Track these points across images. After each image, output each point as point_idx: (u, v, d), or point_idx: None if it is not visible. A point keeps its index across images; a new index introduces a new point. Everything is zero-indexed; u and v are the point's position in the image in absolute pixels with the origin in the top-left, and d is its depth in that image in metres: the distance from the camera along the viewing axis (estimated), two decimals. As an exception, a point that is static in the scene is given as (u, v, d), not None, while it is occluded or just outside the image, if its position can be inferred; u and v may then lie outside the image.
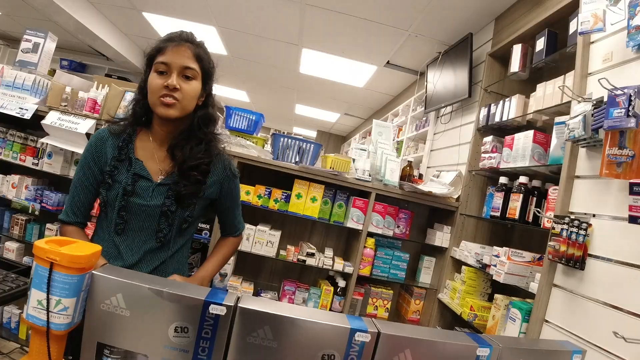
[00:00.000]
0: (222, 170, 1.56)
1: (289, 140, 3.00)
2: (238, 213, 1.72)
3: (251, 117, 3.11)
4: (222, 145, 1.60)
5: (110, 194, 1.41)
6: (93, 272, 0.80)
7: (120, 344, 0.80)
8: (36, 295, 0.88)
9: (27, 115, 2.67)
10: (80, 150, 2.60)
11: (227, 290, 2.80)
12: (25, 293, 0.91)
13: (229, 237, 1.73)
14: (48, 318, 0.88)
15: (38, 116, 2.70)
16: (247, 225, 2.83)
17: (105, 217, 1.45)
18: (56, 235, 2.82)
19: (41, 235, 2.94)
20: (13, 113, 2.68)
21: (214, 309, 0.78)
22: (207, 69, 1.48)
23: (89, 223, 1.53)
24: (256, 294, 3.00)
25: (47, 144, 2.75)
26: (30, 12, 5.33)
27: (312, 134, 12.48)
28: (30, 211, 2.90)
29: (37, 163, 2.84)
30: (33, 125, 2.80)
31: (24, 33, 2.90)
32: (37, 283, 0.88)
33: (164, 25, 5.24)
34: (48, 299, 0.87)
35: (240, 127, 3.10)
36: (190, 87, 1.41)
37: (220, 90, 8.97)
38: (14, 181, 2.87)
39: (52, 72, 3.12)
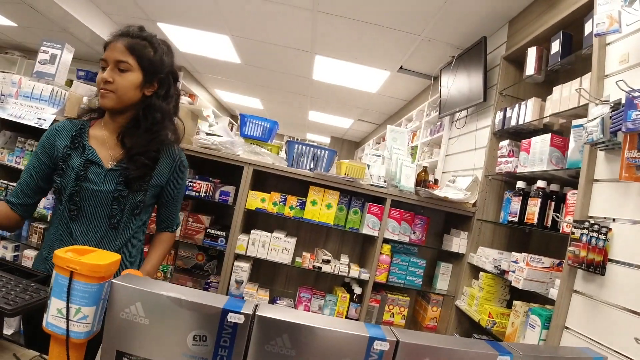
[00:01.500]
0: (172, 158, 1.62)
1: (304, 147, 3.00)
2: (178, 207, 1.77)
3: (265, 124, 3.13)
4: (177, 141, 1.66)
5: (64, 180, 1.48)
6: (112, 280, 0.80)
7: (139, 352, 0.81)
8: (56, 304, 0.89)
9: (45, 126, 2.71)
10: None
11: (243, 297, 2.81)
12: (46, 302, 0.92)
13: (166, 232, 1.76)
14: (68, 326, 0.88)
15: (56, 126, 2.73)
16: (263, 232, 2.84)
17: (60, 204, 1.51)
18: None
19: (59, 244, 2.97)
20: (31, 123, 2.73)
21: (232, 318, 0.78)
22: (147, 60, 1.49)
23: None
24: (272, 301, 3.00)
25: (65, 153, 2.79)
26: (46, 24, 5.43)
27: (326, 140, 12.50)
28: (48, 219, 2.94)
29: (56, 172, 2.88)
30: (51, 136, 2.84)
31: (41, 44, 2.95)
32: (57, 292, 0.88)
33: (178, 35, 5.31)
34: (68, 308, 0.88)
35: (254, 135, 3.12)
36: (124, 79, 1.46)
37: (234, 98, 9.04)
38: (33, 191, 2.90)
39: (69, 83, 3.16)
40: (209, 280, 2.92)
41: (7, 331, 2.71)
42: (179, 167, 1.66)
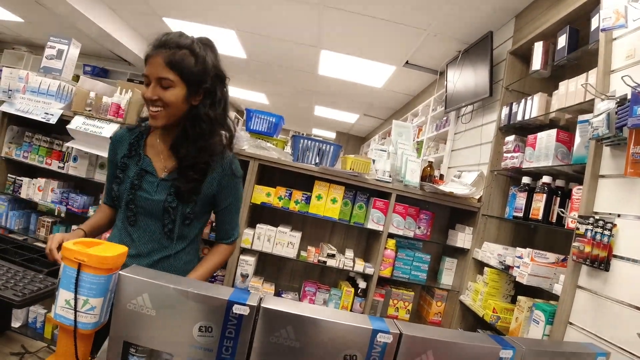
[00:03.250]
0: (221, 168, 1.59)
1: (309, 142, 3.00)
2: (235, 218, 1.72)
3: (271, 119, 3.13)
4: (230, 143, 1.63)
5: (121, 188, 1.54)
6: (120, 272, 0.81)
7: (146, 343, 0.82)
8: (64, 295, 0.90)
9: (53, 120, 2.74)
10: (104, 153, 2.66)
11: (249, 291, 2.82)
12: (54, 293, 0.94)
13: (221, 245, 1.72)
14: (76, 317, 0.90)
15: (63, 121, 2.76)
16: (268, 227, 2.85)
17: (120, 209, 1.59)
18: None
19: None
20: (39, 118, 2.75)
21: (237, 309, 0.79)
22: (188, 73, 1.44)
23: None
24: (277, 294, 3.01)
25: (72, 147, 2.81)
26: (52, 19, 5.45)
27: (331, 135, 12.49)
28: (56, 213, 2.97)
29: (63, 166, 2.91)
30: (58, 130, 2.87)
31: (48, 40, 2.97)
32: (65, 283, 0.90)
33: (184, 30, 5.29)
34: (76, 299, 0.89)
35: (260, 130, 3.12)
36: (169, 95, 1.42)
37: (240, 93, 9.04)
38: (40, 184, 2.94)
39: (75, 78, 3.18)
40: (214, 274, 2.93)
41: (15, 324, 2.75)
42: (230, 176, 1.61)
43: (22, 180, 2.97)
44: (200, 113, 1.51)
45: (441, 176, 3.82)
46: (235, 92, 9.05)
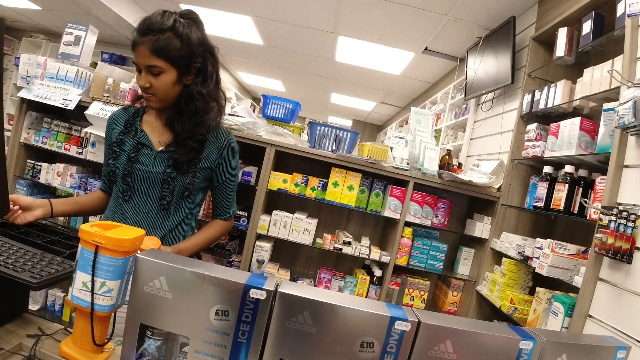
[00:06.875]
0: (219, 140, 1.62)
1: (326, 129, 2.98)
2: (232, 194, 1.74)
3: (288, 105, 3.12)
4: (219, 119, 1.64)
5: (117, 162, 1.56)
6: (137, 255, 0.81)
7: (163, 326, 0.82)
8: (81, 277, 0.90)
9: (71, 106, 2.76)
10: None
11: (265, 276, 2.83)
12: (71, 276, 0.94)
13: (218, 220, 1.74)
14: (93, 299, 0.90)
15: (81, 107, 2.77)
16: (284, 213, 2.85)
17: (115, 186, 1.60)
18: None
19: (85, 221, 3.03)
20: (57, 104, 2.77)
21: (254, 293, 0.78)
22: (176, 56, 1.44)
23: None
24: (292, 281, 3.02)
25: (90, 133, 2.83)
26: (70, 6, 5.47)
27: (348, 123, 12.45)
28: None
29: (81, 152, 2.94)
30: (76, 116, 2.89)
31: (65, 26, 2.98)
32: (83, 265, 0.90)
33: (201, 16, 5.28)
34: (93, 281, 0.89)
35: (277, 116, 3.11)
36: (160, 82, 1.46)
37: (256, 80, 9.04)
38: (59, 169, 2.97)
39: (93, 65, 3.20)
40: (231, 260, 2.95)
41: (33, 307, 2.79)
42: (228, 150, 1.64)
43: (41, 166, 3.00)
44: (193, 91, 1.53)
45: (460, 165, 3.78)
46: (252, 79, 9.05)
